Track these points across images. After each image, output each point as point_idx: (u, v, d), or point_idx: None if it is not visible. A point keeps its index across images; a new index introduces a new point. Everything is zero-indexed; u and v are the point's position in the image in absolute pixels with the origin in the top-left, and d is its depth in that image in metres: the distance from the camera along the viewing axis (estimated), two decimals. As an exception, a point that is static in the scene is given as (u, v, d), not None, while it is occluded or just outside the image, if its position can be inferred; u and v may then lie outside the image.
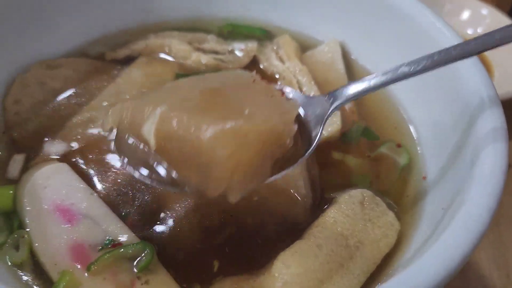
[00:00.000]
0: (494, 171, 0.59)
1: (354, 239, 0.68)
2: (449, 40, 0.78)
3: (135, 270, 0.65)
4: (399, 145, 0.86)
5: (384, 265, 0.68)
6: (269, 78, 0.98)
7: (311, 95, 0.91)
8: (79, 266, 0.65)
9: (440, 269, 0.51)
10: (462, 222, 0.55)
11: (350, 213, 0.70)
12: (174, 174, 0.58)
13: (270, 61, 1.01)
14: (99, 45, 1.02)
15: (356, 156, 0.85)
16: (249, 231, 0.73)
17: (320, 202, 0.76)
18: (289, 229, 0.72)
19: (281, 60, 1.00)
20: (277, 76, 0.98)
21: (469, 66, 0.73)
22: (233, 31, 1.08)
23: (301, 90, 0.94)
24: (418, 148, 0.85)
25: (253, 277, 0.67)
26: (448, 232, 0.54)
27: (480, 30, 1.49)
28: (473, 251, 0.53)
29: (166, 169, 0.59)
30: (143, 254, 0.66)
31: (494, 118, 0.66)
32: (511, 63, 1.31)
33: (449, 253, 0.52)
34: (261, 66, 1.01)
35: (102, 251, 0.66)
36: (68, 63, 0.94)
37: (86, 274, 0.64)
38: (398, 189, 0.81)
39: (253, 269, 0.68)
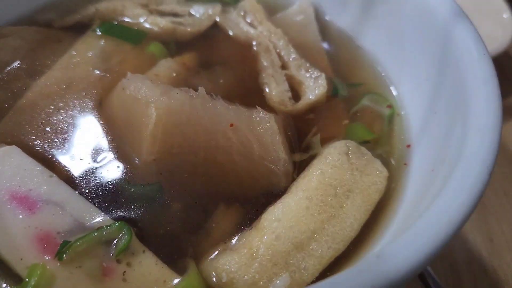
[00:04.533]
0: (489, 125, 0.56)
1: (343, 188, 0.67)
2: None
3: (113, 253, 0.59)
4: (380, 95, 0.83)
5: (378, 217, 0.67)
6: (243, 45, 0.92)
7: (291, 58, 0.88)
8: (49, 257, 0.58)
9: (441, 232, 0.48)
10: (462, 180, 0.52)
11: (337, 163, 0.69)
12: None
13: (240, 28, 0.94)
14: (48, 11, 0.94)
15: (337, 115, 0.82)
16: (233, 200, 0.70)
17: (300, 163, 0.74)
18: (274, 193, 0.70)
19: (252, 25, 0.94)
20: (253, 44, 0.92)
21: (458, 24, 0.69)
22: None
23: (279, 55, 0.89)
24: (402, 112, 0.81)
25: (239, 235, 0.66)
26: (446, 190, 0.51)
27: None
28: (473, 210, 0.50)
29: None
30: (120, 235, 0.60)
31: (485, 76, 0.61)
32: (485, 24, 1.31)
33: (449, 214, 0.49)
34: (231, 34, 0.95)
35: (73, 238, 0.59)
36: (16, 32, 0.86)
37: (59, 264, 0.57)
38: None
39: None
